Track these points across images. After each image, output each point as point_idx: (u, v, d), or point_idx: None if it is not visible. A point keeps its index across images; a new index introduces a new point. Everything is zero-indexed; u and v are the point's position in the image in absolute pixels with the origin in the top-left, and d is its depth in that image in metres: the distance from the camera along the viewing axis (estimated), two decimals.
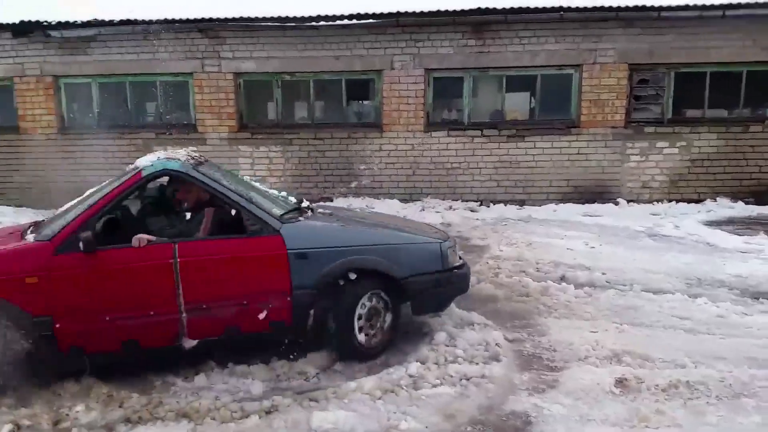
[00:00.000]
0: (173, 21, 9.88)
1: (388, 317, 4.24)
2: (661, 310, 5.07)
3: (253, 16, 9.80)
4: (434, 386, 3.72)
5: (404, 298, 4.29)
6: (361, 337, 4.12)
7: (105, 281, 3.68)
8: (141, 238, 3.79)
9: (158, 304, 3.75)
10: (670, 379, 3.77)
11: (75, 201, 4.16)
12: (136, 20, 9.90)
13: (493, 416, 3.44)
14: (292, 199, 4.74)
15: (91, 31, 10.10)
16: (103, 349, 3.74)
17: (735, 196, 9.78)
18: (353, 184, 10.27)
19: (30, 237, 3.83)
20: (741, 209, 9.42)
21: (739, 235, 7.68)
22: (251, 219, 3.96)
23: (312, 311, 4.02)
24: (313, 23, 9.75)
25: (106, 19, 9.95)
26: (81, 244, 3.59)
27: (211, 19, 9.86)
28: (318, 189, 10.26)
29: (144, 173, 3.94)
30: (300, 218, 4.28)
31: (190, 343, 3.81)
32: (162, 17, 9.86)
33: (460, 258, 4.65)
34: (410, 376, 3.83)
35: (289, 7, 9.92)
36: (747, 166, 9.85)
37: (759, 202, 9.64)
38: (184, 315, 3.78)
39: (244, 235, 3.95)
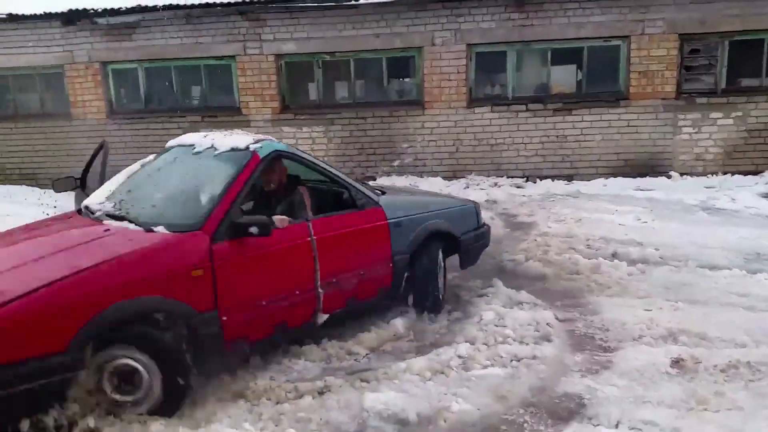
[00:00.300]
0: (214, 5, 9.94)
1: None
2: (717, 287, 4.94)
3: None
4: (484, 367, 3.70)
5: (454, 253, 4.97)
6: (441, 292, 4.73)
7: (259, 265, 3.59)
8: (282, 219, 3.77)
9: (302, 282, 3.81)
10: (729, 359, 3.66)
11: (117, 183, 4.20)
12: (178, 5, 10.00)
13: (545, 398, 3.40)
14: None
15: (136, 17, 10.26)
16: (260, 335, 3.68)
17: None
18: (396, 163, 10.24)
19: (160, 228, 3.42)
20: None
21: None
22: (359, 194, 4.27)
23: (406, 274, 4.47)
24: (353, 2, 9.68)
25: (150, 5, 10.08)
26: (254, 229, 3.43)
27: (251, 2, 9.88)
28: (361, 168, 10.26)
29: (261, 155, 3.82)
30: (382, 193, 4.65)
31: (322, 318, 3.96)
32: (203, 1, 9.94)
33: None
34: (459, 356, 3.81)
35: None
36: None
37: None
38: (320, 291, 3.89)
39: (355, 210, 4.22)
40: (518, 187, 9.41)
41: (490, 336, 4.08)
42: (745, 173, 9.44)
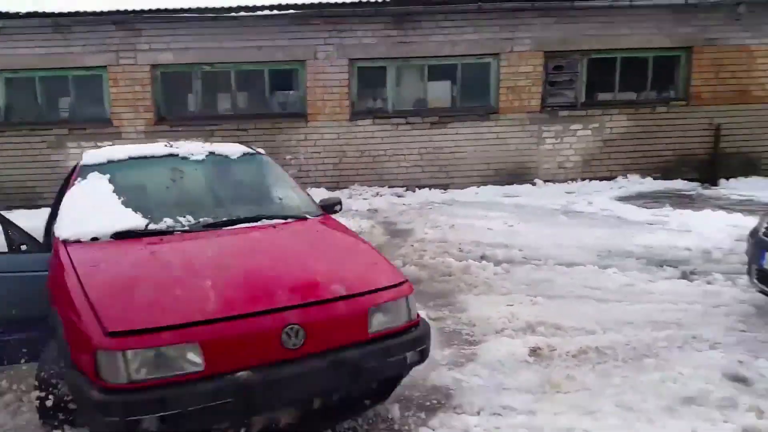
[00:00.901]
0: (84, 14, 9.47)
1: None
2: (573, 282, 5.37)
3: (170, 7, 9.53)
4: None
5: None
6: None
7: None
8: None
9: None
10: (580, 346, 4.01)
11: None
12: (44, 13, 9.43)
13: (416, 392, 3.56)
14: None
15: None
16: None
17: (644, 173, 10.37)
18: None
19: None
20: (650, 184, 10.03)
21: (648, 208, 8.21)
22: None
23: None
24: (233, 14, 9.60)
25: (11, 11, 9.42)
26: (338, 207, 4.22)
27: (125, 11, 9.51)
28: None
29: None
30: None
31: None
32: (72, 10, 9.44)
33: None
34: None
35: None
36: (654, 145, 10.45)
37: (665, 177, 10.28)
38: None
39: None
40: (399, 197, 9.71)
41: None
42: (601, 179, 10.34)
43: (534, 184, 10.27)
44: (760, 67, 10.27)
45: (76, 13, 9.45)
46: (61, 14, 9.45)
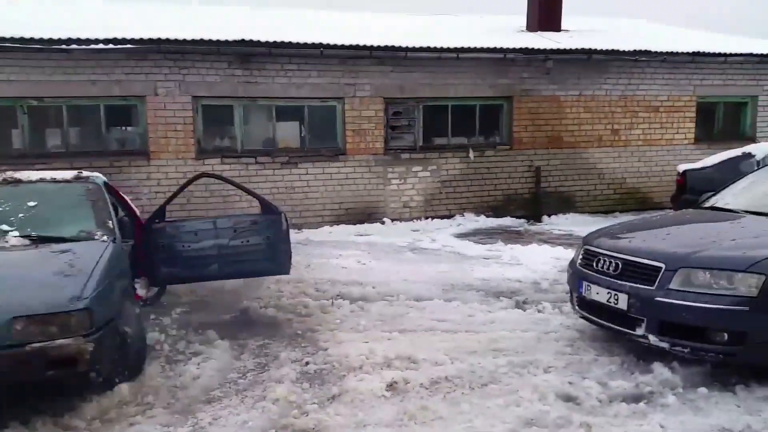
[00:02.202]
0: None
1: None
2: (423, 315, 5.70)
3: None
4: (215, 418, 3.79)
5: None
6: None
7: None
8: None
9: None
10: (432, 377, 4.27)
11: None
12: None
13: None
14: None
15: None
16: None
17: (479, 211, 11.32)
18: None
19: None
20: (484, 221, 10.98)
21: (483, 243, 8.97)
22: None
23: None
24: (63, 46, 8.99)
25: None
26: None
27: None
28: None
29: None
30: None
31: None
32: None
33: None
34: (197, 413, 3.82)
35: (36, 28, 9.04)
36: (486, 185, 11.47)
37: (497, 215, 11.31)
38: None
39: None
40: None
41: (224, 386, 4.17)
42: (442, 217, 11.11)
43: (383, 222, 10.74)
44: (568, 116, 11.78)
45: None
46: None
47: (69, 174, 5.41)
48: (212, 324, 5.36)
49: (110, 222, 4.98)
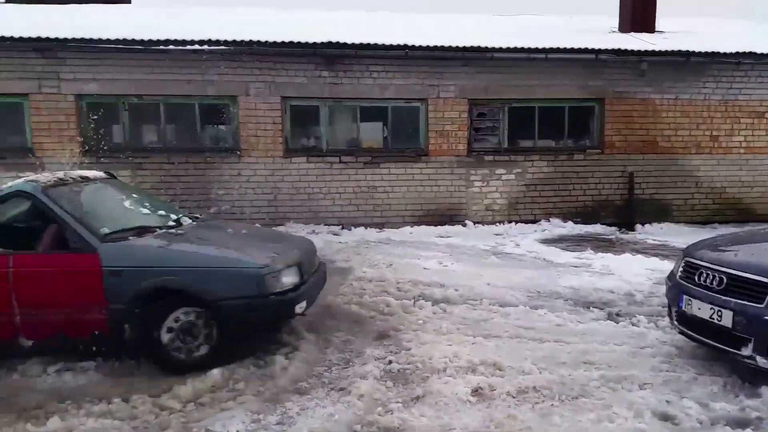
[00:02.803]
0: (3, 39, 9.05)
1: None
2: (508, 322, 5.54)
3: (96, 37, 9.29)
4: (303, 409, 3.84)
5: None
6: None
7: None
8: None
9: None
10: (519, 386, 4.14)
11: None
12: None
13: None
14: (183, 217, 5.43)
15: None
16: None
17: (566, 217, 10.95)
18: (212, 210, 9.98)
19: None
20: (571, 228, 10.59)
21: (571, 251, 8.64)
22: (74, 237, 4.36)
23: (126, 324, 4.34)
24: (162, 47, 9.46)
25: None
26: None
27: (48, 39, 9.17)
28: None
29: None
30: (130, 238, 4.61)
31: (26, 343, 4.33)
32: None
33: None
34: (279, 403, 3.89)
35: (137, 30, 9.57)
36: (574, 190, 11.09)
37: (585, 221, 10.90)
38: (17, 318, 4.25)
39: (68, 251, 4.35)
40: (335, 235, 9.74)
41: (311, 378, 4.22)
42: (526, 222, 10.84)
43: (464, 225, 10.60)
44: (663, 120, 11.20)
45: None
46: None
47: (101, 173, 5.78)
48: (298, 317, 5.41)
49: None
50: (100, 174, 5.64)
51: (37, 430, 3.53)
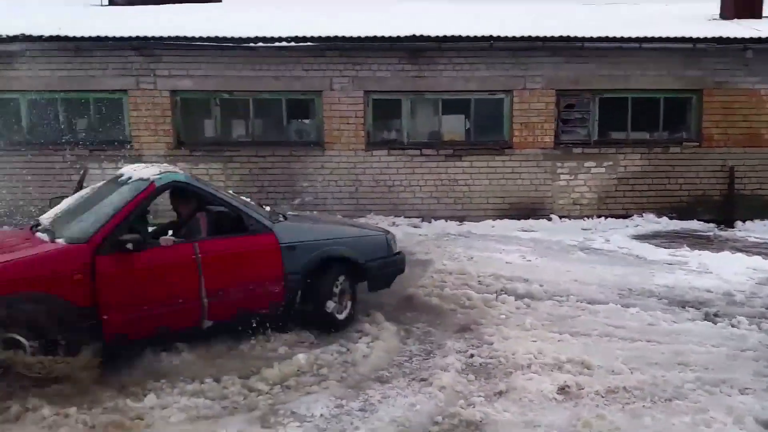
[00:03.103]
0: (106, 38, 9.64)
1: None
2: (596, 320, 5.35)
3: (190, 35, 9.70)
4: (385, 397, 3.87)
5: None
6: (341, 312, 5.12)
7: (144, 276, 4.25)
8: (167, 239, 4.45)
9: (187, 292, 4.38)
10: (608, 385, 3.99)
11: (67, 206, 4.79)
12: (66, 36, 9.59)
13: (445, 425, 3.53)
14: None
15: (18, 47, 9.68)
16: (142, 335, 4.28)
17: (660, 212, 10.37)
18: (296, 201, 10.21)
19: (60, 240, 4.19)
20: (666, 224, 10.02)
21: (665, 248, 8.21)
22: (251, 221, 4.79)
23: (299, 292, 4.93)
24: (251, 44, 9.75)
25: (34, 34, 9.57)
26: (130, 245, 4.11)
27: (146, 38, 9.68)
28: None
29: (157, 184, 4.53)
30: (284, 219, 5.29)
31: (207, 324, 4.50)
32: (94, 35, 9.61)
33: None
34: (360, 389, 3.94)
35: (227, 27, 9.91)
36: (669, 184, 10.50)
37: (681, 217, 10.27)
38: (205, 301, 4.44)
39: (247, 234, 4.75)
40: (415, 227, 9.71)
41: (392, 367, 4.23)
42: (617, 217, 10.34)
43: (550, 219, 10.29)
44: None
45: (97, 38, 9.62)
46: (82, 38, 9.61)
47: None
48: (379, 306, 5.46)
49: None
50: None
51: (135, 405, 3.73)
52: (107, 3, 14.00)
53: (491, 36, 9.81)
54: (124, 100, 10.14)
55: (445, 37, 9.82)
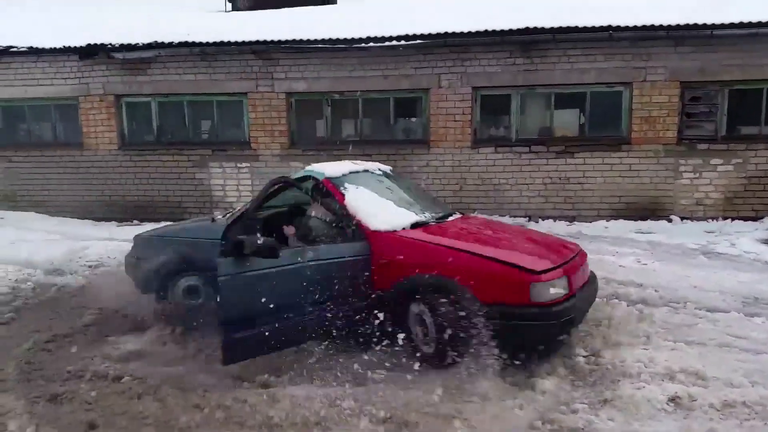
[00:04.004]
0: (228, 43, 10.28)
1: None
2: (715, 329, 4.97)
3: (305, 38, 10.10)
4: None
5: None
6: None
7: None
8: None
9: None
10: (725, 399, 3.71)
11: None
12: (194, 42, 10.34)
13: (544, 430, 3.46)
14: None
15: (152, 53, 10.60)
16: None
17: None
18: None
19: None
20: None
21: None
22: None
23: None
24: (363, 44, 9.98)
25: (166, 41, 10.42)
26: None
27: (264, 42, 10.21)
28: None
29: None
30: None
31: None
32: (218, 40, 10.28)
33: None
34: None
35: (339, 29, 10.22)
36: None
37: None
38: None
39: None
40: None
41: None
42: (745, 219, 9.55)
43: (670, 220, 9.68)
44: None
45: (221, 43, 10.28)
46: (207, 44, 10.32)
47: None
48: None
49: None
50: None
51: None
52: (230, 9, 14.94)
53: (610, 26, 9.36)
54: (244, 103, 10.76)
55: (560, 28, 9.50)
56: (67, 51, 10.76)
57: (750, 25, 9.04)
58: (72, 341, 5.10)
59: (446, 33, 9.76)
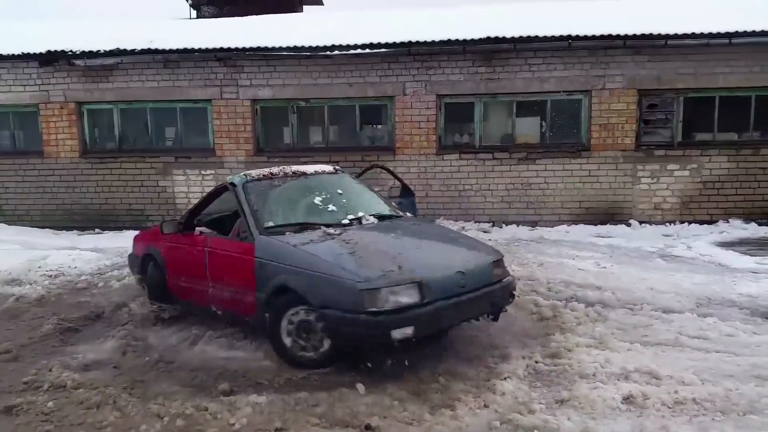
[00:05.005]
0: (192, 50, 10.20)
1: None
2: (670, 329, 5.11)
3: (269, 45, 10.09)
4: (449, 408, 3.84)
5: None
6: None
7: None
8: None
9: None
10: (676, 396, 3.82)
11: None
12: (157, 49, 10.23)
13: (502, 430, 3.51)
14: None
15: (113, 60, 10.46)
16: None
17: (748, 218, 9.79)
18: None
19: None
20: (754, 230, 9.43)
21: (752, 255, 7.72)
22: (243, 227, 5.06)
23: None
24: (328, 52, 10.02)
25: (128, 48, 10.29)
26: None
27: (229, 49, 10.16)
28: None
29: None
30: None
31: None
32: (181, 47, 10.20)
33: None
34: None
35: (305, 37, 10.24)
36: (759, 188, 9.88)
37: None
38: None
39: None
40: (485, 232, 9.64)
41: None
42: (701, 222, 9.86)
43: (629, 224, 9.93)
44: None
45: (185, 50, 10.20)
46: (170, 51, 10.23)
47: (328, 167, 6.00)
48: None
49: (391, 203, 5.97)
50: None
51: None
52: (195, 16, 14.83)
53: (570, 35, 9.59)
54: (208, 110, 10.70)
55: (521, 37, 9.68)
56: (26, 57, 10.54)
57: (702, 36, 9.37)
58: (30, 351, 5.02)
59: (410, 42, 9.86)
